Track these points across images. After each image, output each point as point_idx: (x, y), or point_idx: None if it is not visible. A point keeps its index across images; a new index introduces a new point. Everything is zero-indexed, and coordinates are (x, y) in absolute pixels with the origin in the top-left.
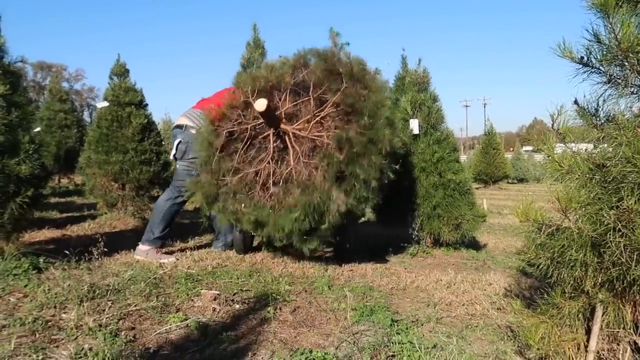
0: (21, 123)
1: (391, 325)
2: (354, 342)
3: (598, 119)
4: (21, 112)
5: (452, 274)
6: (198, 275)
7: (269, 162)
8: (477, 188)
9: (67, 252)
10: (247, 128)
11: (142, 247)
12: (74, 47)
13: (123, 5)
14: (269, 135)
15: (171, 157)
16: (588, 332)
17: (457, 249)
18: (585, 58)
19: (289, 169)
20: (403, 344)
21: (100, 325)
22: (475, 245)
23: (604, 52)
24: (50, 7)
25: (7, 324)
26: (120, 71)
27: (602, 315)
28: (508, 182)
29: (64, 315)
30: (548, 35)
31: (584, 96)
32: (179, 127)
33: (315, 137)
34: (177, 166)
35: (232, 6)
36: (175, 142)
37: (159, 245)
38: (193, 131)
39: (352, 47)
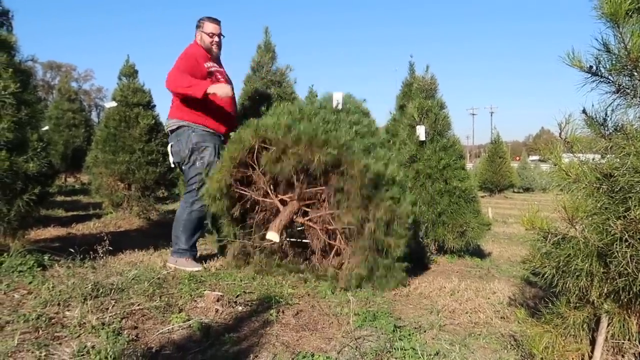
0: (30, 121)
1: (394, 331)
2: (357, 347)
3: (606, 128)
4: (31, 110)
5: (455, 281)
6: (201, 276)
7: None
8: (482, 196)
9: (71, 250)
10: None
11: (170, 258)
12: (84, 47)
13: (133, 7)
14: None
15: (172, 165)
16: (593, 342)
17: (461, 257)
18: (594, 67)
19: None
20: (406, 350)
21: (103, 324)
22: (479, 253)
23: (613, 62)
24: (61, 7)
25: (11, 320)
26: (130, 72)
27: (607, 326)
28: (514, 191)
29: (67, 312)
30: (556, 44)
31: (592, 105)
32: (171, 132)
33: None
34: (183, 170)
35: (243, 8)
36: (169, 149)
37: (188, 255)
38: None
39: (360, 54)
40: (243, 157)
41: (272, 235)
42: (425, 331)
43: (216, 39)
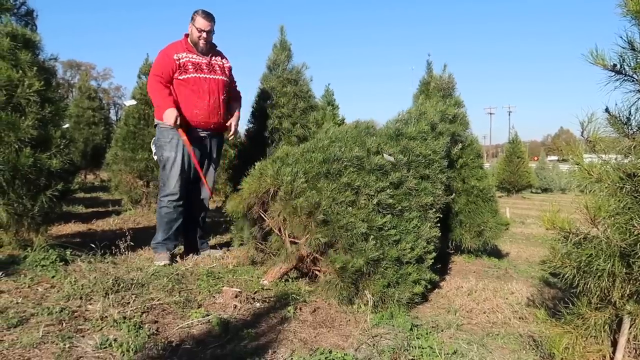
0: (53, 119)
1: (411, 329)
2: (374, 344)
3: (630, 127)
4: (54, 108)
5: (473, 281)
6: (219, 272)
7: None
8: (500, 197)
9: (92, 245)
10: None
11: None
12: (103, 45)
13: (152, 4)
14: None
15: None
16: (614, 344)
17: (478, 257)
18: (619, 65)
19: None
20: (423, 348)
21: (124, 318)
22: (497, 253)
23: (638, 60)
24: (81, 5)
25: (35, 313)
26: (149, 70)
27: (630, 328)
28: (532, 192)
29: (89, 306)
30: (576, 43)
31: (616, 104)
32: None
33: None
34: None
35: (258, 7)
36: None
37: (160, 250)
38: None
39: (380, 51)
40: (260, 193)
41: (266, 284)
42: (442, 330)
43: (204, 35)
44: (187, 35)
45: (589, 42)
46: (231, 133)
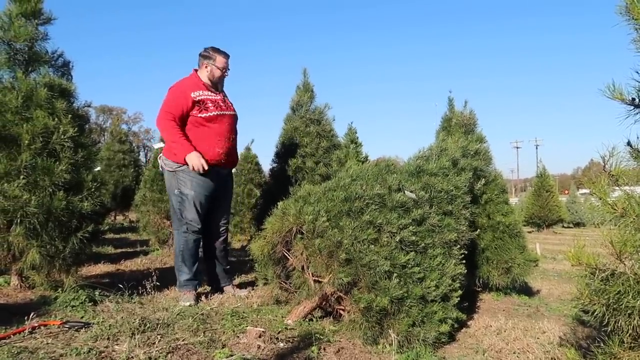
0: (86, 163)
1: None
2: None
3: None
4: (86, 153)
5: (502, 320)
6: (243, 312)
7: None
8: (529, 232)
9: (120, 285)
10: None
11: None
12: (134, 90)
13: (180, 51)
14: None
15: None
16: None
17: (507, 294)
18: (637, 100)
19: None
20: None
21: (150, 358)
22: (527, 290)
23: None
24: (116, 52)
25: (64, 353)
26: None
27: None
28: (563, 227)
29: (116, 347)
30: (602, 76)
31: (637, 137)
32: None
33: None
34: None
35: (282, 47)
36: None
37: (184, 289)
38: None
39: (405, 88)
40: (283, 233)
41: (290, 324)
42: None
43: (226, 73)
44: (196, 71)
45: (610, 73)
46: None
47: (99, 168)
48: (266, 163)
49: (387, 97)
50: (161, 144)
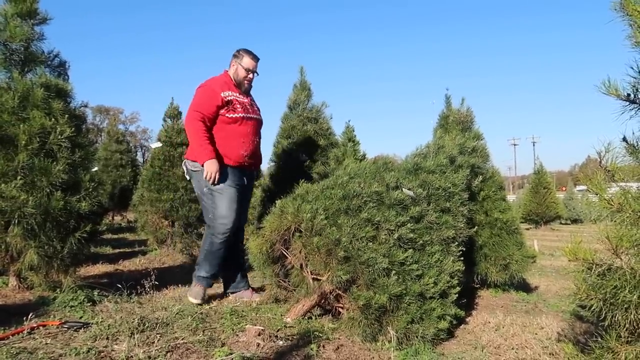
0: (83, 163)
1: None
2: None
3: None
4: (83, 153)
5: (500, 316)
6: (242, 311)
7: None
8: (527, 229)
9: (119, 285)
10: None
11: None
12: (131, 90)
13: (177, 51)
14: None
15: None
16: None
17: (505, 291)
18: (632, 95)
19: None
20: None
21: (149, 357)
22: (525, 287)
23: None
24: (112, 53)
25: (63, 353)
26: (174, 113)
27: None
28: (561, 223)
29: (115, 346)
30: (598, 72)
31: (633, 133)
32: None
33: None
34: None
35: (280, 46)
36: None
37: (199, 283)
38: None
39: (402, 86)
40: (281, 231)
41: (289, 322)
42: None
43: (250, 75)
44: (226, 72)
45: (606, 70)
46: None
47: (96, 168)
48: (264, 162)
49: (385, 96)
50: (158, 144)
